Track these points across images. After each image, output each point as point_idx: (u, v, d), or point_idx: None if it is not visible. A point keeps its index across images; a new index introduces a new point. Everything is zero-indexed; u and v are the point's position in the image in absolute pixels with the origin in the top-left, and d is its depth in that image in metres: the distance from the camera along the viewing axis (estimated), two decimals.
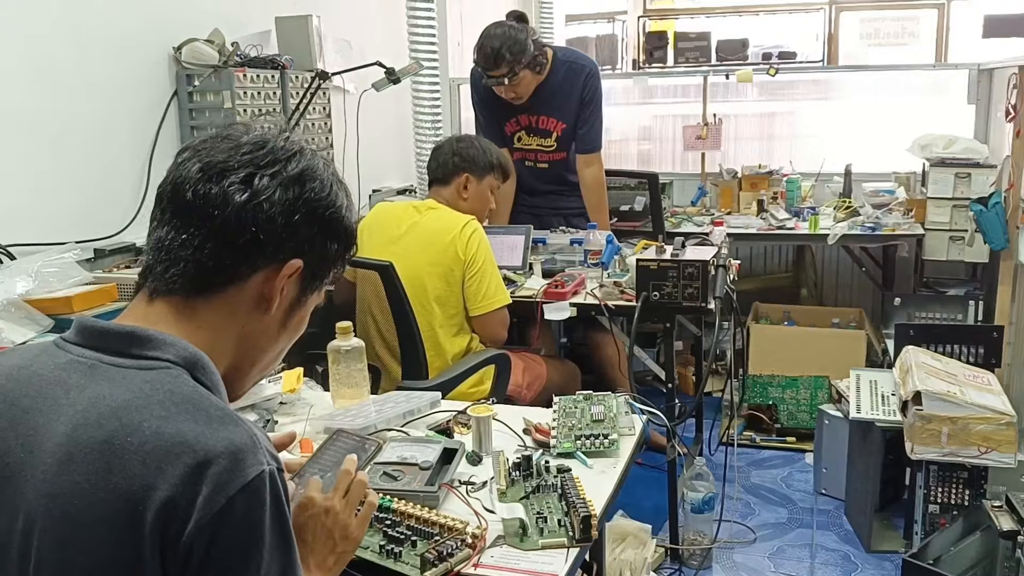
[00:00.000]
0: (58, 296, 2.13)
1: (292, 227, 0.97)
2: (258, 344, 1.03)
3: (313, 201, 0.99)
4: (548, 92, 3.34)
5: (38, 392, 0.90)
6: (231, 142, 0.98)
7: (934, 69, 4.87)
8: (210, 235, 0.94)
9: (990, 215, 3.18)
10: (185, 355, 0.93)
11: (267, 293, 0.99)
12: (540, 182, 3.52)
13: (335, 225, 1.02)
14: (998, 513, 2.30)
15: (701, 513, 2.75)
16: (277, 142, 1.00)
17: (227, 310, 0.98)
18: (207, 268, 0.95)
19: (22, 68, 2.40)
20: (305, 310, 1.07)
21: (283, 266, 0.98)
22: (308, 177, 0.99)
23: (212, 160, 0.96)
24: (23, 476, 0.87)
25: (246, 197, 0.94)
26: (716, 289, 2.55)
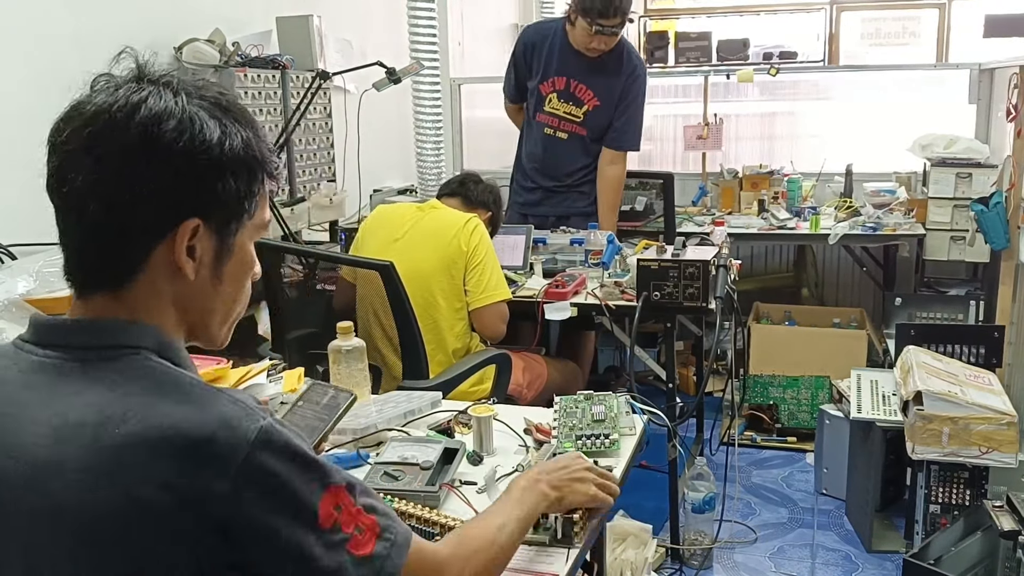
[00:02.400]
0: (59, 296, 2.13)
1: (161, 191, 0.86)
2: (201, 306, 0.95)
3: (172, 153, 0.86)
4: (599, 63, 3.37)
5: (7, 398, 0.88)
6: (79, 118, 0.88)
7: (935, 69, 4.87)
8: (88, 232, 0.88)
9: (991, 215, 3.18)
10: (148, 337, 0.90)
11: (176, 263, 0.90)
12: (553, 156, 3.49)
13: (214, 165, 0.89)
14: (999, 513, 2.30)
15: (702, 513, 2.75)
16: (118, 97, 0.88)
17: (150, 291, 0.90)
18: (104, 263, 0.89)
19: (23, 68, 2.40)
20: (239, 253, 0.96)
21: (176, 232, 0.88)
22: (156, 129, 0.86)
23: (65, 149, 0.87)
24: (10, 482, 0.85)
25: (100, 184, 0.85)
26: (717, 289, 2.54)
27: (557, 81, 3.44)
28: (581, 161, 3.48)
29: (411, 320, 2.40)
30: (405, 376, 2.43)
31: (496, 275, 2.61)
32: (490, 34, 5.56)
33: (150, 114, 0.87)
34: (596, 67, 3.39)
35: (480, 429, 1.64)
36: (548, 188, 3.53)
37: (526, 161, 3.59)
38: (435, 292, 2.55)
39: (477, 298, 2.58)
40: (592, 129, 3.44)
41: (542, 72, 3.46)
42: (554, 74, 3.44)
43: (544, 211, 3.52)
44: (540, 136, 3.50)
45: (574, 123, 3.45)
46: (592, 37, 3.27)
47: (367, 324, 2.60)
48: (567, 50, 3.40)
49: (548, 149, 3.50)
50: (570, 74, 3.42)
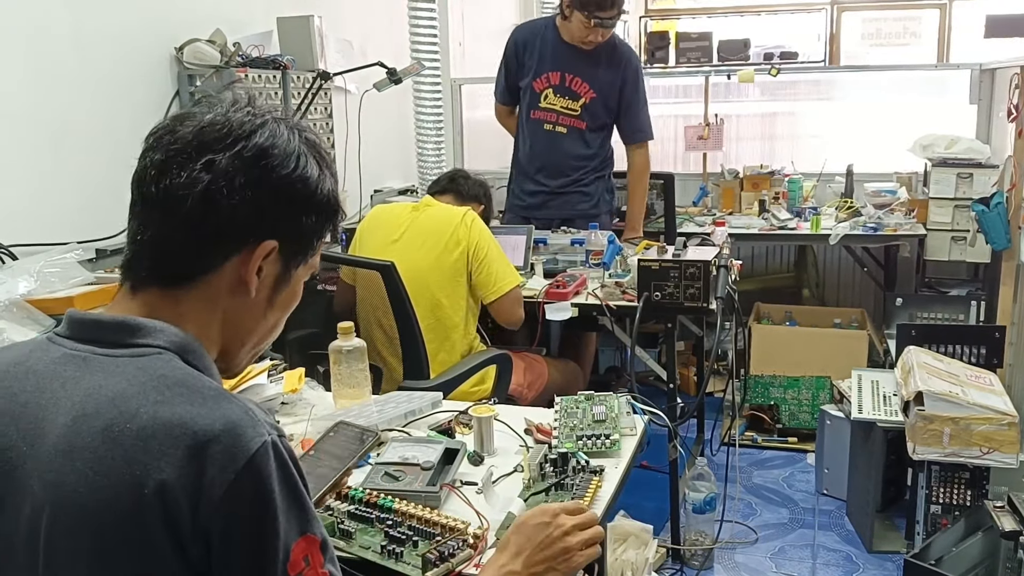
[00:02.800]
0: (60, 296, 2.13)
1: (259, 209, 0.94)
2: (245, 325, 1.01)
3: (278, 178, 0.95)
4: (592, 56, 3.39)
5: (35, 387, 0.91)
6: (192, 123, 0.94)
7: (936, 69, 4.87)
8: (176, 227, 0.93)
9: (992, 215, 3.18)
10: (175, 340, 0.93)
11: (244, 277, 0.96)
12: (555, 151, 3.49)
13: (307, 199, 0.98)
14: (1000, 514, 2.29)
15: (702, 513, 2.75)
16: (237, 117, 0.95)
17: (207, 297, 0.96)
18: (178, 260, 0.94)
19: (24, 68, 2.40)
20: (294, 286, 1.04)
21: (255, 249, 0.95)
22: (271, 153, 0.95)
23: (172, 148, 0.93)
24: (26, 468, 0.88)
25: (205, 186, 0.91)
26: (718, 289, 2.54)
27: (552, 76, 3.44)
28: (583, 152, 3.48)
29: (412, 320, 2.40)
30: (406, 376, 2.43)
31: (502, 264, 2.63)
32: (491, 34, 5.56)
33: (267, 139, 0.95)
34: (590, 60, 3.39)
35: (481, 429, 1.64)
36: (551, 190, 3.52)
37: (527, 163, 3.57)
38: (436, 291, 2.56)
39: (491, 291, 2.59)
40: (591, 120, 3.45)
41: (535, 69, 3.46)
42: (548, 69, 3.44)
43: (547, 214, 3.51)
44: (539, 133, 3.49)
45: (572, 116, 3.45)
46: (590, 30, 3.28)
47: (368, 326, 2.60)
48: (560, 45, 3.41)
49: (549, 144, 3.49)
50: (564, 68, 3.42)
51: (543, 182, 3.53)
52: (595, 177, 3.51)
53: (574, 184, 3.50)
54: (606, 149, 3.53)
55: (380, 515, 1.35)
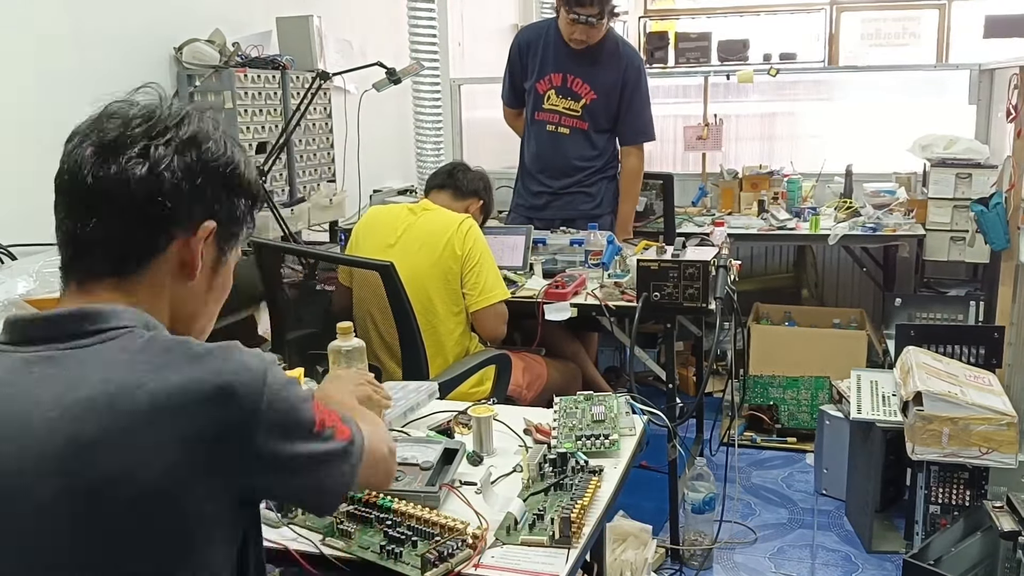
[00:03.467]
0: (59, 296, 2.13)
1: (197, 190, 0.98)
2: (188, 309, 1.04)
3: (212, 161, 1.00)
4: (593, 57, 3.39)
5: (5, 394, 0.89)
6: (118, 118, 0.98)
7: (935, 69, 4.87)
8: (119, 214, 0.95)
9: (991, 215, 3.18)
10: (138, 318, 0.96)
11: (188, 259, 1.00)
12: (558, 152, 3.50)
13: (238, 181, 1.04)
14: (999, 514, 2.30)
15: (702, 513, 2.75)
16: (163, 110, 1.00)
17: (155, 282, 0.99)
18: (125, 247, 0.96)
19: (23, 68, 2.40)
20: (227, 270, 1.08)
21: (197, 229, 0.99)
22: (202, 139, 0.99)
23: (104, 139, 0.95)
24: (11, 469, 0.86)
25: (146, 170, 0.94)
26: (717, 289, 2.54)
27: (554, 77, 3.45)
28: (586, 153, 3.48)
29: (411, 320, 2.40)
30: (405, 377, 2.43)
31: (492, 275, 2.61)
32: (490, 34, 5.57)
33: (196, 126, 1.00)
34: (591, 61, 3.40)
35: (480, 429, 1.64)
36: (554, 191, 3.53)
37: (531, 164, 3.58)
38: (432, 297, 2.55)
39: (475, 300, 2.58)
40: (593, 121, 3.45)
41: (538, 70, 3.47)
42: (550, 71, 3.45)
43: (550, 215, 3.51)
44: (543, 134, 3.50)
45: (574, 117, 3.46)
46: (572, 27, 3.29)
47: (364, 329, 2.60)
48: (561, 46, 3.41)
49: (552, 146, 3.50)
50: (566, 69, 3.43)
51: (546, 183, 3.54)
52: (599, 178, 3.51)
53: (577, 185, 3.50)
54: (611, 150, 3.53)
55: (379, 515, 1.35)
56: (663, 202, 3.81)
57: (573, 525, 1.31)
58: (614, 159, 3.54)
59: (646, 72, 3.52)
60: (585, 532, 1.34)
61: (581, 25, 3.27)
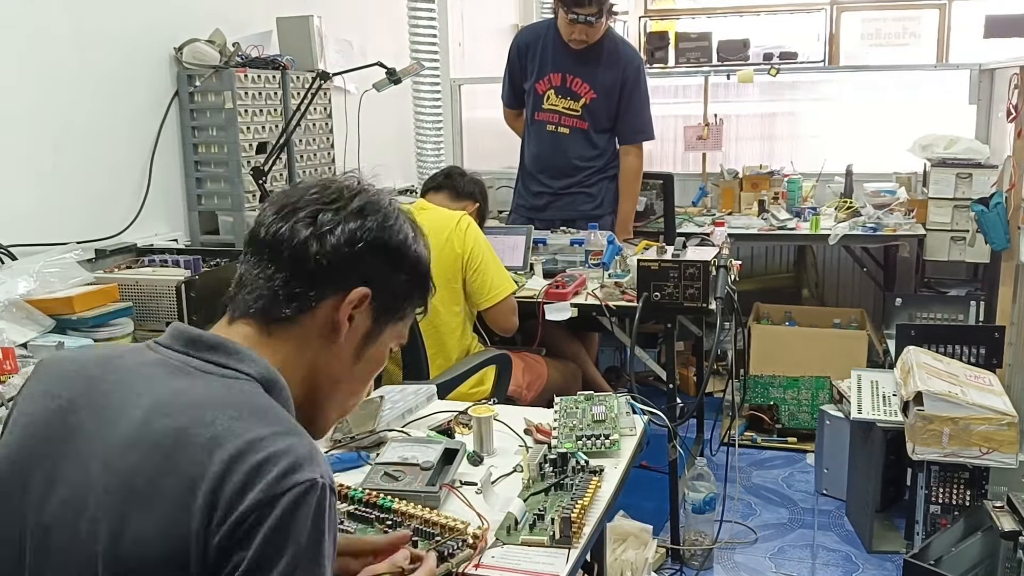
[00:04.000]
0: (59, 296, 2.13)
1: (355, 256, 1.02)
2: (331, 373, 1.06)
3: (376, 231, 1.04)
4: (592, 56, 3.40)
5: (119, 380, 0.97)
6: (302, 188, 1.06)
7: (935, 69, 4.86)
8: (280, 267, 1.02)
9: (991, 215, 3.18)
10: (264, 373, 0.98)
11: (335, 320, 1.03)
12: (558, 152, 3.50)
13: (400, 254, 1.07)
14: (999, 514, 2.29)
15: (702, 513, 2.75)
16: (341, 182, 1.07)
17: (299, 337, 1.03)
18: (278, 296, 1.01)
19: (23, 69, 2.40)
20: (381, 345, 1.10)
21: (349, 293, 1.02)
22: (370, 209, 1.05)
23: (284, 203, 1.04)
24: (89, 449, 0.92)
25: (311, 231, 1.01)
26: (717, 289, 2.54)
27: (553, 77, 3.45)
28: (586, 153, 3.49)
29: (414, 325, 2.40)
30: (406, 378, 2.43)
31: (497, 271, 2.62)
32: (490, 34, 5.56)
33: (370, 198, 1.06)
34: (590, 60, 3.40)
35: (480, 429, 1.64)
36: (555, 191, 3.53)
37: (531, 165, 3.59)
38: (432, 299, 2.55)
39: (485, 299, 2.58)
40: (593, 121, 3.45)
41: (537, 71, 3.48)
42: (550, 71, 3.45)
43: (550, 215, 3.52)
44: (543, 135, 3.51)
45: (574, 117, 3.46)
46: (571, 27, 3.29)
47: None
48: (560, 46, 3.42)
49: (552, 146, 3.50)
50: (565, 69, 3.43)
51: (546, 183, 3.54)
52: (600, 178, 3.51)
53: (578, 185, 3.50)
54: (612, 150, 3.53)
55: (379, 515, 1.35)
56: (663, 202, 3.81)
57: (573, 525, 1.31)
58: (614, 159, 3.54)
59: (645, 71, 3.52)
60: (585, 532, 1.34)
61: (580, 25, 3.27)
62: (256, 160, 2.97)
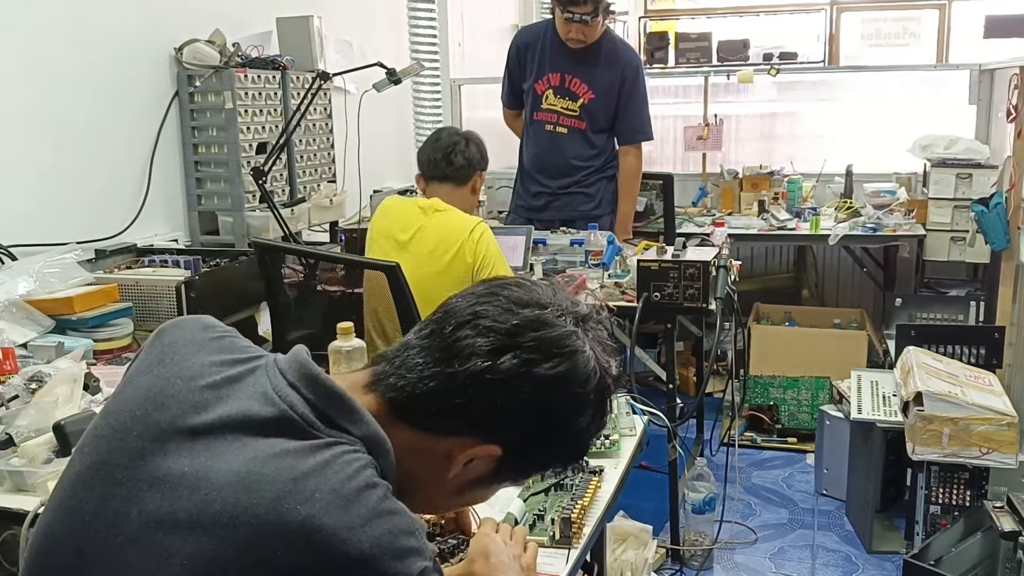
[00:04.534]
0: (59, 297, 2.14)
1: (509, 419, 0.89)
2: (426, 492, 0.95)
3: (548, 407, 0.90)
4: (591, 57, 3.40)
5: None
6: (512, 299, 0.92)
7: (935, 69, 4.86)
8: (437, 376, 0.89)
9: (991, 216, 3.18)
10: (373, 435, 0.87)
11: (454, 456, 0.91)
12: (556, 151, 3.50)
13: (558, 438, 0.93)
14: (999, 514, 2.30)
15: (702, 514, 2.75)
16: (560, 326, 0.91)
17: (415, 446, 0.91)
18: (417, 401, 0.90)
19: (23, 69, 2.40)
20: (488, 492, 1.00)
21: (480, 444, 0.91)
22: (560, 387, 0.89)
23: (485, 309, 0.91)
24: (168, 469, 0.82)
25: (481, 367, 0.87)
26: (717, 290, 2.54)
27: (552, 77, 3.45)
28: (585, 152, 3.48)
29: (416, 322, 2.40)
30: None
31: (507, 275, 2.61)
32: (490, 35, 5.56)
33: (569, 369, 0.90)
34: (588, 60, 3.40)
35: None
36: (553, 191, 3.53)
37: (529, 165, 3.59)
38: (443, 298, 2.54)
39: None
40: (591, 121, 3.45)
41: (536, 71, 3.48)
42: (548, 71, 3.46)
43: (549, 215, 3.51)
44: (542, 134, 3.51)
45: (572, 117, 3.46)
46: (567, 26, 3.30)
47: (369, 324, 2.60)
48: (559, 46, 3.42)
49: (551, 146, 3.50)
50: (563, 69, 3.44)
51: (545, 183, 3.54)
52: (598, 178, 3.51)
53: (576, 185, 3.50)
54: (610, 150, 3.53)
55: None
56: (663, 202, 3.81)
57: (573, 525, 1.31)
58: (613, 159, 3.54)
59: (644, 72, 3.52)
60: (585, 532, 1.34)
61: (576, 24, 3.28)
62: (256, 160, 2.98)
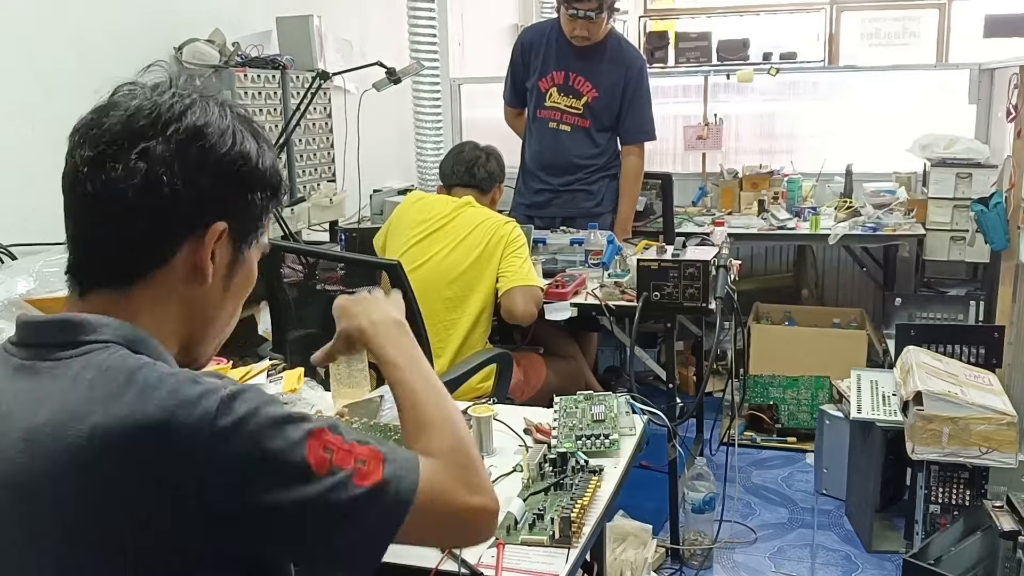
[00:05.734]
0: (59, 296, 2.13)
1: (202, 192, 0.90)
2: (205, 315, 0.97)
3: (216, 158, 0.91)
4: (595, 55, 3.41)
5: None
6: (118, 113, 0.90)
7: (935, 69, 4.87)
8: (118, 223, 0.88)
9: (991, 215, 3.18)
10: (122, 332, 0.88)
11: (198, 264, 0.92)
12: (559, 149, 3.50)
13: (249, 176, 0.94)
14: (999, 513, 2.30)
15: (702, 513, 2.75)
16: (164, 100, 0.91)
17: (160, 291, 0.92)
18: (124, 257, 0.90)
19: (23, 68, 2.40)
20: (247, 267, 1.00)
21: (205, 234, 0.92)
22: (205, 133, 0.90)
23: (102, 141, 0.89)
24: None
25: (143, 175, 0.87)
26: (717, 289, 2.54)
27: (556, 75, 3.46)
28: (587, 151, 3.49)
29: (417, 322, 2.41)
30: None
31: (530, 267, 2.66)
32: (490, 34, 5.56)
33: (199, 119, 0.91)
34: (593, 59, 3.41)
35: (480, 429, 1.64)
36: (555, 188, 3.53)
37: (532, 162, 3.60)
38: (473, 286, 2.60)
39: (512, 279, 2.58)
40: (595, 119, 3.46)
41: (540, 68, 3.49)
42: (552, 69, 3.47)
43: (551, 212, 3.53)
44: (545, 132, 3.52)
45: (575, 115, 3.47)
46: (572, 23, 3.31)
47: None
48: (564, 45, 3.43)
49: (553, 143, 3.52)
50: (568, 67, 3.45)
51: (547, 180, 3.55)
52: (601, 176, 3.52)
53: (578, 182, 3.51)
54: (613, 148, 3.53)
55: None
56: (663, 202, 3.81)
57: (573, 525, 1.31)
58: (616, 157, 3.54)
59: (648, 72, 3.52)
60: (585, 532, 1.34)
61: (581, 20, 3.28)
62: None
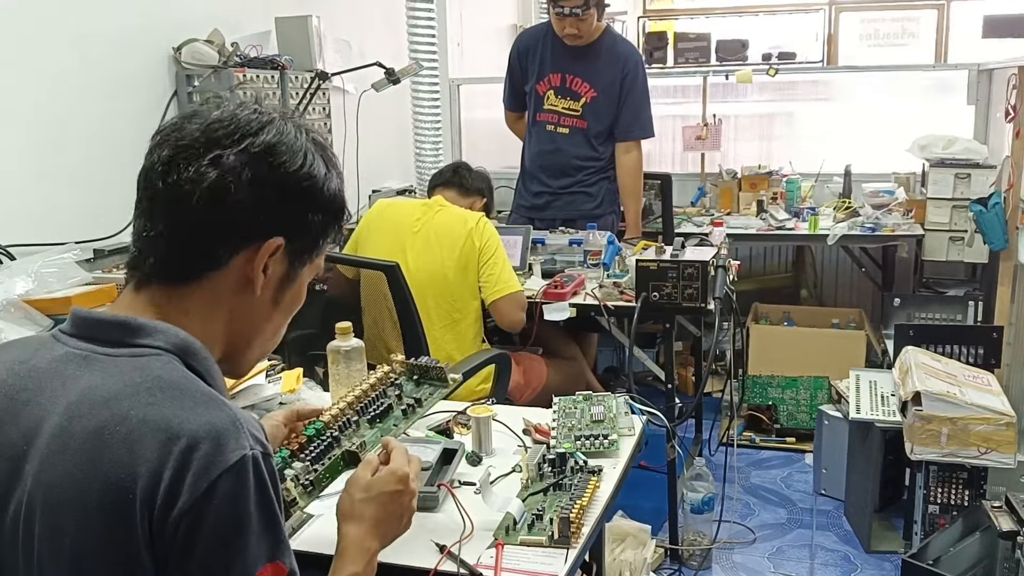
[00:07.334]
0: (58, 296, 2.13)
1: (265, 205, 0.94)
2: (251, 325, 1.01)
3: (285, 175, 0.95)
4: (591, 55, 3.42)
5: (37, 385, 0.91)
6: (200, 120, 0.95)
7: (934, 70, 4.87)
8: (182, 223, 0.93)
9: (990, 215, 3.18)
10: (175, 342, 0.92)
11: (249, 275, 0.96)
12: (557, 152, 3.50)
13: (313, 196, 0.98)
14: (998, 513, 2.30)
15: (701, 513, 2.75)
16: (244, 115, 0.96)
17: (212, 296, 0.96)
18: (182, 257, 0.94)
19: (23, 69, 2.40)
20: (298, 286, 1.04)
21: (262, 246, 0.95)
22: (278, 150, 0.95)
23: (180, 144, 0.93)
24: (24, 467, 0.88)
25: (212, 181, 0.91)
26: (716, 289, 2.55)
27: (553, 78, 3.46)
28: (586, 153, 3.49)
29: (416, 321, 2.41)
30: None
31: (507, 269, 2.65)
32: (489, 35, 5.56)
33: (274, 136, 0.96)
34: (589, 59, 3.41)
35: (479, 429, 1.64)
36: (554, 190, 3.53)
37: (531, 164, 3.60)
38: (453, 291, 2.59)
39: (493, 291, 2.61)
40: (593, 120, 3.46)
41: (537, 72, 3.49)
42: (549, 71, 3.47)
43: (551, 214, 3.52)
44: (543, 134, 3.52)
45: (574, 117, 3.47)
46: (561, 22, 3.31)
47: (370, 324, 2.60)
48: (559, 47, 3.43)
49: (552, 145, 3.51)
50: (564, 69, 3.45)
51: (546, 182, 3.55)
52: (600, 178, 3.52)
53: (577, 184, 3.51)
54: (612, 150, 3.53)
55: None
56: (662, 202, 3.81)
57: (572, 525, 1.31)
58: (614, 159, 3.54)
59: (644, 68, 3.52)
60: (584, 532, 1.34)
61: (569, 18, 3.29)
62: None
